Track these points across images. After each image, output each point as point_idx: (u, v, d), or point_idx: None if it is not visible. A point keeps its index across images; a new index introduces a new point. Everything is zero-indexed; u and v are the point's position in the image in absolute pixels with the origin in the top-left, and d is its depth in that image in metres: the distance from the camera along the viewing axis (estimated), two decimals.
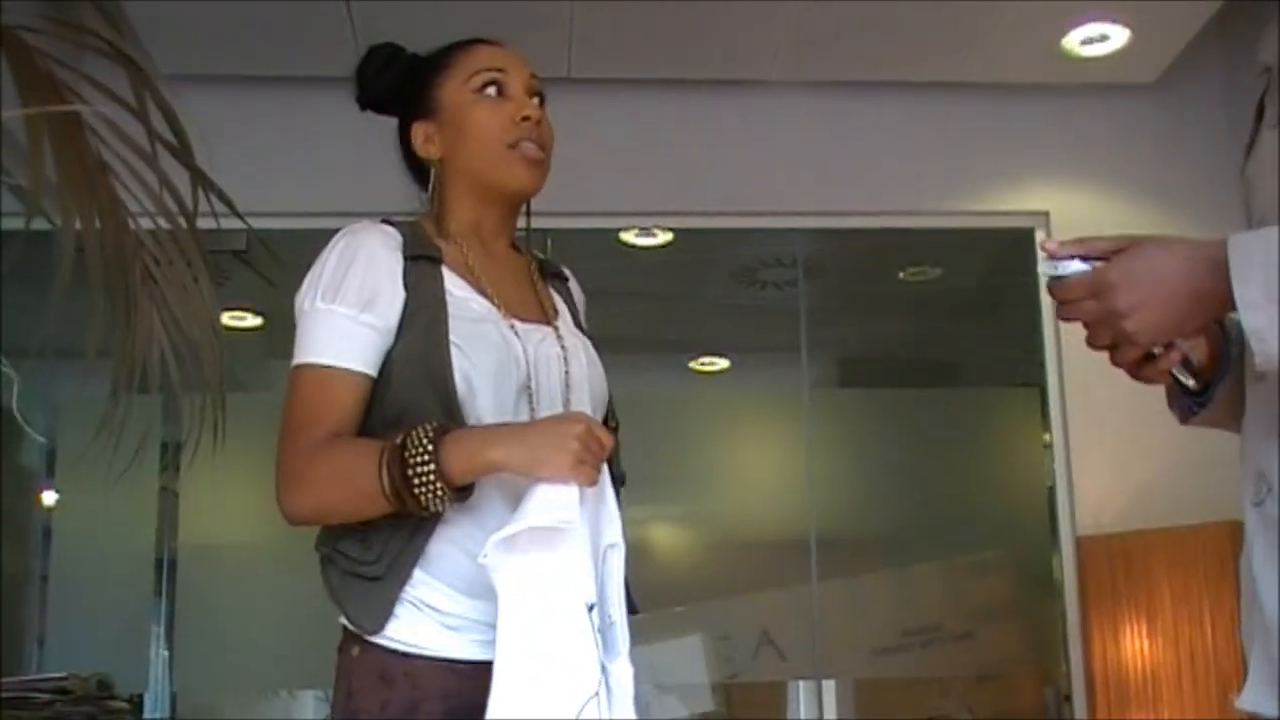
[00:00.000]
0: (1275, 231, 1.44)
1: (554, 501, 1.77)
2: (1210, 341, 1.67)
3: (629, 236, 5.02)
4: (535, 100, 2.15)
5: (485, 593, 1.81)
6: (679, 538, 5.30)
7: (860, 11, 4.27)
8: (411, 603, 1.89)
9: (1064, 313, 1.55)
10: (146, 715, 4.59)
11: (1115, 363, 1.60)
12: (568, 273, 2.30)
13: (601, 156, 4.60)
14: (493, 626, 1.78)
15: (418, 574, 1.89)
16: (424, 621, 1.89)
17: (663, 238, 5.04)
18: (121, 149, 1.78)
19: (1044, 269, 1.57)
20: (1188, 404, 1.71)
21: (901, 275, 5.58)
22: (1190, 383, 1.64)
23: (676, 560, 5.14)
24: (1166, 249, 1.52)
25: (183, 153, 1.85)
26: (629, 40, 4.44)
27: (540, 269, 2.23)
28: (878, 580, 5.29)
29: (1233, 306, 1.44)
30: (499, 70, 2.12)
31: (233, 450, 2.25)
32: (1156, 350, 1.57)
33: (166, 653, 4.70)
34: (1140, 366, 1.60)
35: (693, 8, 4.23)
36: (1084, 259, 1.53)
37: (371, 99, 2.21)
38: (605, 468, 1.87)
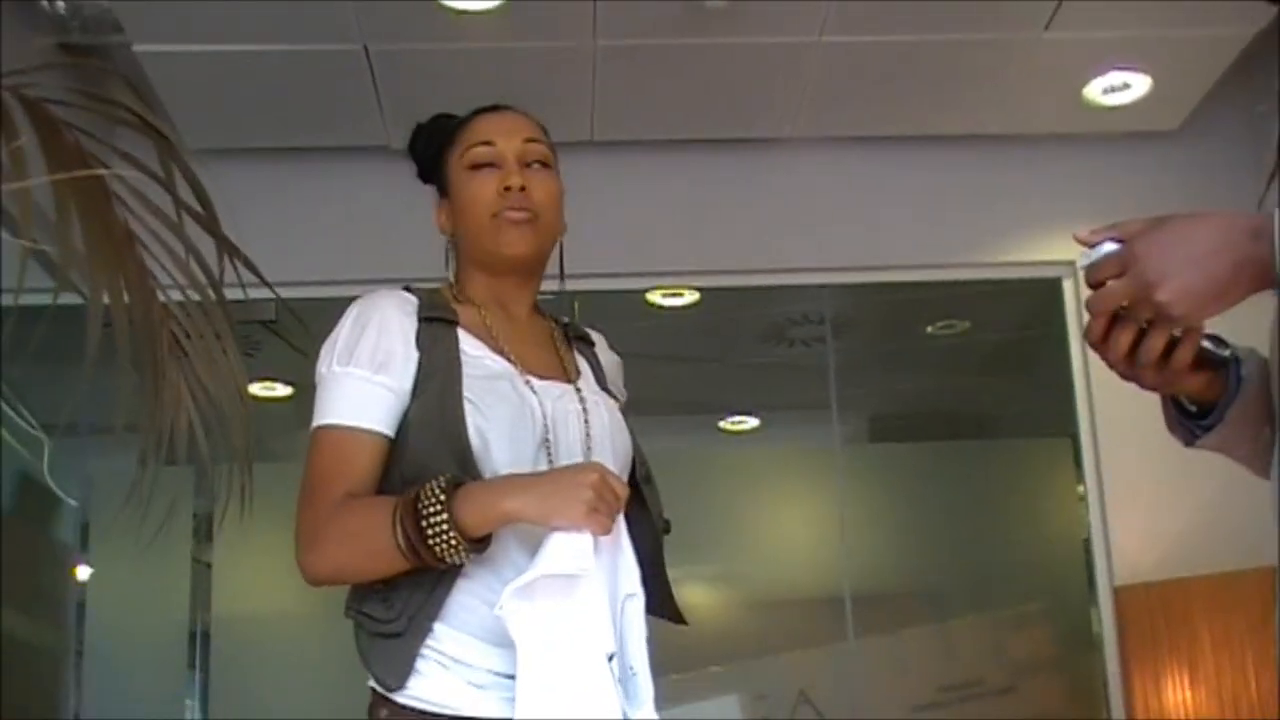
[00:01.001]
0: None
1: (568, 550, 1.78)
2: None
3: (655, 297, 5.02)
4: (532, 163, 2.15)
5: (510, 643, 1.81)
6: (714, 597, 5.28)
7: (881, 67, 4.29)
8: (437, 660, 1.89)
9: (1095, 301, 1.47)
10: None
11: (1139, 368, 1.51)
12: (595, 336, 2.31)
13: (626, 218, 4.63)
14: None
15: (440, 628, 1.89)
16: (450, 679, 1.89)
17: (689, 298, 5.04)
18: (149, 219, 1.80)
19: (1080, 262, 1.50)
20: (1191, 426, 1.65)
21: (930, 329, 5.57)
22: (1225, 353, 1.54)
23: (712, 620, 5.11)
24: (1197, 218, 1.45)
25: (209, 222, 1.87)
26: (651, 102, 4.47)
27: (565, 332, 2.24)
28: (915, 636, 5.25)
29: (1270, 280, 1.38)
30: (487, 143, 2.14)
31: (265, 520, 2.25)
32: (1176, 333, 1.48)
33: None
34: (1163, 365, 1.50)
35: (713, 68, 4.25)
36: (1116, 240, 1.47)
37: (423, 173, 2.24)
38: (622, 518, 1.89)
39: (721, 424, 5.87)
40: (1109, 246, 1.47)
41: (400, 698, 1.89)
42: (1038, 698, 5.08)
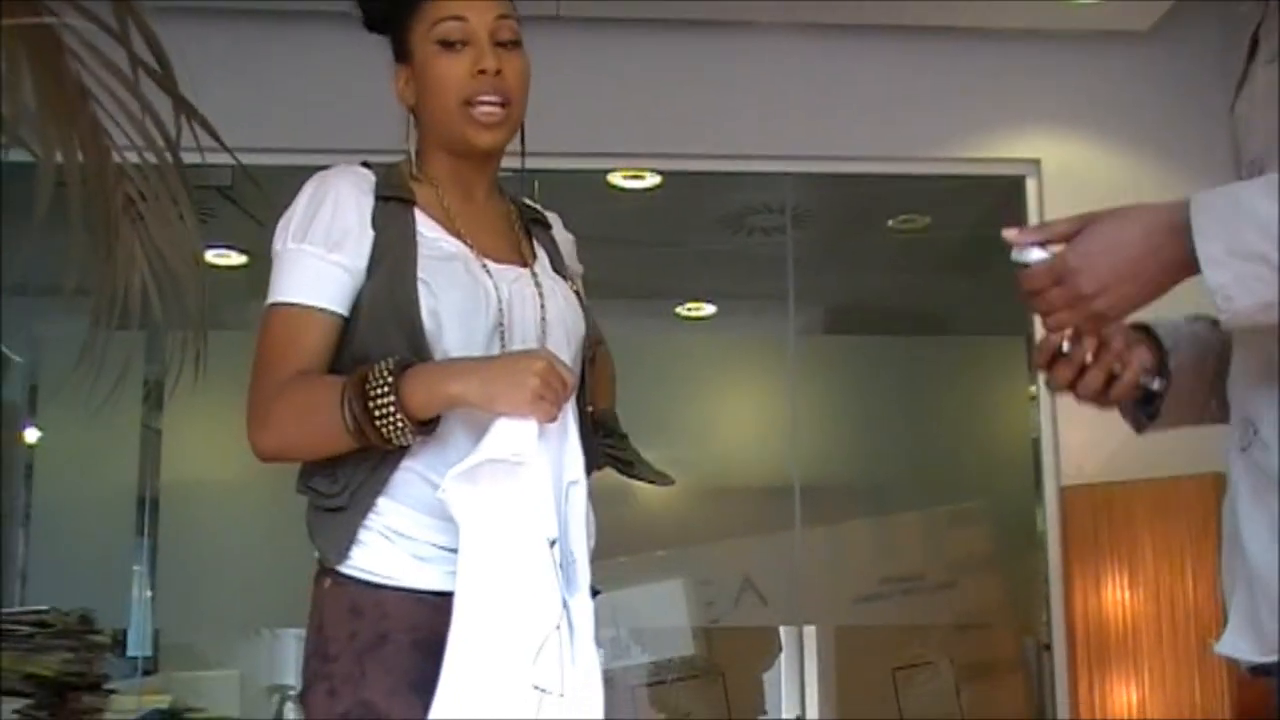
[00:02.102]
0: (1237, 188, 1.44)
1: (511, 436, 1.78)
2: (1151, 352, 1.70)
3: (617, 179, 4.98)
4: (504, 42, 2.08)
5: (453, 518, 1.82)
6: None
7: None
8: (381, 532, 1.90)
9: (1032, 303, 1.55)
10: (129, 652, 4.60)
11: (1080, 395, 1.67)
12: (551, 219, 2.28)
13: (590, 97, 4.57)
14: None
15: (384, 503, 1.91)
16: (393, 551, 1.90)
17: (651, 181, 5.00)
18: (104, 75, 1.75)
19: (1014, 256, 1.58)
20: (1140, 414, 1.75)
21: (890, 223, 5.57)
22: (1155, 385, 1.68)
23: (659, 505, 5.14)
24: (1122, 221, 1.51)
25: (166, 81, 1.82)
26: None
27: (521, 216, 2.21)
28: (860, 528, 5.31)
29: (1196, 268, 1.43)
30: (459, 19, 2.05)
31: (216, 388, 2.23)
32: (1116, 368, 1.62)
33: (149, 591, 4.71)
34: (1104, 393, 1.64)
35: None
36: (1044, 245, 1.54)
37: (371, 22, 2.18)
38: (570, 406, 1.89)
39: (678, 310, 5.87)
40: (1038, 254, 1.54)
41: (344, 568, 1.91)
42: (978, 593, 5.17)
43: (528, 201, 2.26)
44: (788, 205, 5.10)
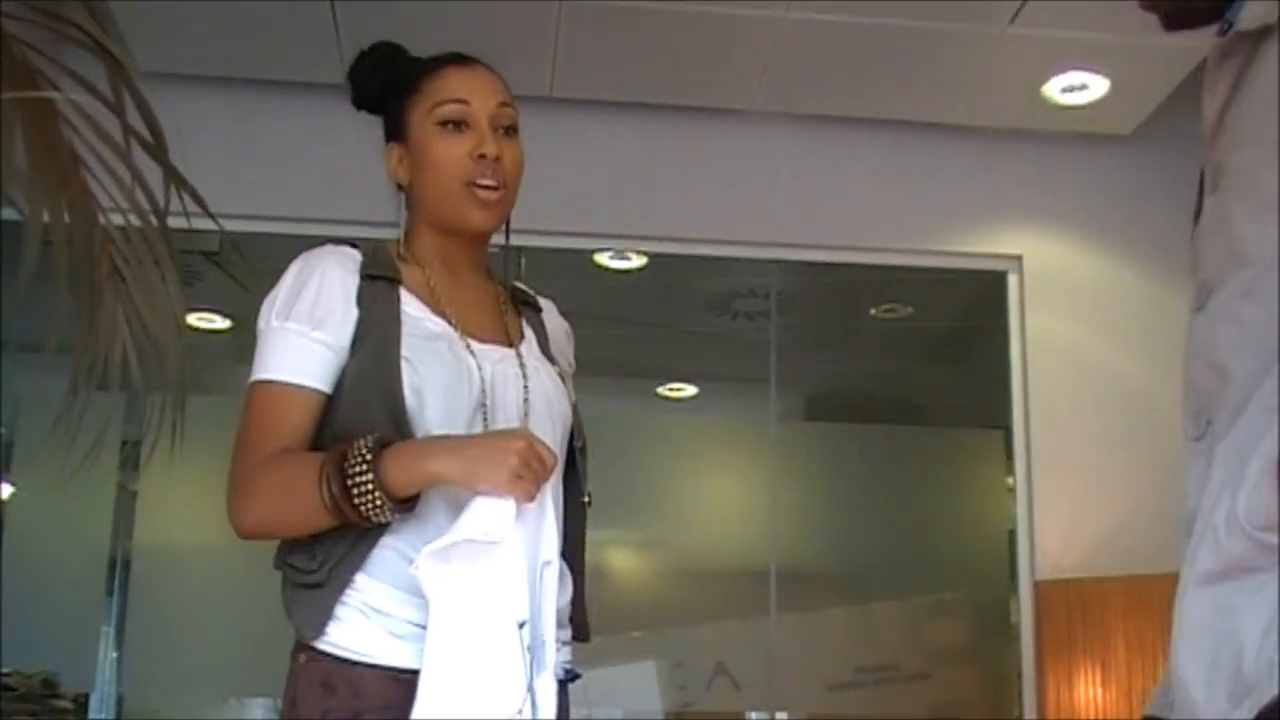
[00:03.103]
0: None
1: (489, 515, 1.78)
2: None
3: (603, 259, 5.01)
4: (503, 128, 2.12)
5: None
6: (638, 563, 5.29)
7: (845, 47, 4.29)
8: (359, 609, 1.90)
9: None
10: (92, 716, 4.54)
11: None
12: (544, 303, 2.29)
13: (580, 177, 4.61)
14: None
15: (362, 579, 1.90)
16: (370, 628, 1.89)
17: (637, 262, 5.03)
18: (95, 142, 1.77)
19: None
20: None
21: (873, 312, 5.60)
22: None
23: (635, 586, 5.12)
24: None
25: (157, 149, 1.84)
26: (613, 62, 4.45)
27: (513, 297, 2.22)
28: (835, 616, 5.28)
29: None
30: (461, 102, 2.09)
31: (194, 453, 2.24)
32: None
33: (115, 654, 4.66)
34: None
35: (678, 34, 4.24)
36: None
37: (361, 101, 2.20)
38: (549, 486, 1.89)
39: (660, 390, 5.88)
40: None
41: (320, 644, 1.90)
42: (952, 685, 5.13)
43: (519, 285, 2.27)
44: (772, 290, 5.13)
